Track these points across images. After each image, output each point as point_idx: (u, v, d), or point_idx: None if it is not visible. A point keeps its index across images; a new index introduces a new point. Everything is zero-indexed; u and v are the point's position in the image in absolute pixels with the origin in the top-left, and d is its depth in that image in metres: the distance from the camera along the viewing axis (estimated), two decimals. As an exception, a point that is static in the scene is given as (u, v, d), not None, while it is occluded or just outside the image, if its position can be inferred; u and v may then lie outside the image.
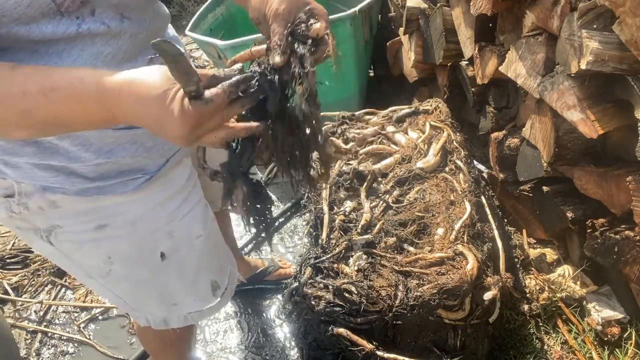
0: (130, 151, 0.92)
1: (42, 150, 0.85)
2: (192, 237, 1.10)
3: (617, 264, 1.41)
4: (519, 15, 1.61)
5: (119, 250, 1.01)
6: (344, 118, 1.98)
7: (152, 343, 1.44)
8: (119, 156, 0.92)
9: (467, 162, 1.73)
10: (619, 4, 1.08)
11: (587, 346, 1.58)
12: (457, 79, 2.18)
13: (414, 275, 1.34)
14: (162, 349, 1.44)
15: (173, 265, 1.08)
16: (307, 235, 1.74)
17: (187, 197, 1.07)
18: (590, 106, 1.31)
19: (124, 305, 1.15)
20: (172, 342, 1.39)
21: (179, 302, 1.14)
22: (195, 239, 1.10)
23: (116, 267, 1.03)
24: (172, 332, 1.23)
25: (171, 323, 1.18)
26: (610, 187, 1.40)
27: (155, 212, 1.02)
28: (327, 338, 1.35)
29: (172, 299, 1.13)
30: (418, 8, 2.26)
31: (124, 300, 1.13)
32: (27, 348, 2.04)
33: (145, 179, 0.98)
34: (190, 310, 1.17)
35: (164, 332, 1.24)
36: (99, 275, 1.05)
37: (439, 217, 1.49)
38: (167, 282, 1.10)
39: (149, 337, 1.41)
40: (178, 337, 1.37)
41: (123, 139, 0.91)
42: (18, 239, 2.53)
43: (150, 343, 1.45)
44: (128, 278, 1.06)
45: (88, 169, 0.90)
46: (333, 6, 3.09)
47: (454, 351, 1.38)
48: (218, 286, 1.18)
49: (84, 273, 1.07)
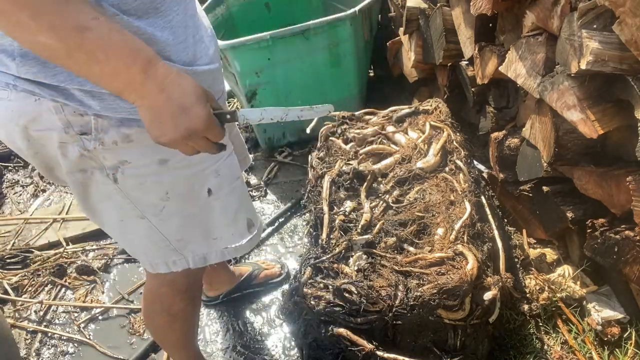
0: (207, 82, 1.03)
1: None
2: (234, 177, 1.22)
3: (617, 264, 1.41)
4: (519, 15, 1.61)
5: (176, 186, 1.11)
6: (344, 118, 1.98)
7: (158, 318, 1.46)
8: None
9: (467, 162, 1.73)
10: (619, 4, 1.08)
11: (587, 346, 1.58)
12: (457, 79, 2.18)
13: (414, 275, 1.34)
14: (169, 324, 1.46)
15: (218, 201, 1.18)
16: (307, 235, 1.74)
17: (228, 142, 1.17)
18: (590, 106, 1.31)
19: (166, 247, 1.20)
20: (178, 316, 1.43)
21: (219, 236, 1.24)
22: (236, 179, 1.23)
23: (171, 203, 1.12)
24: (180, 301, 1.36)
25: (210, 258, 1.26)
26: (610, 187, 1.40)
27: None
28: (327, 338, 1.35)
29: (214, 233, 1.23)
30: (418, 8, 2.26)
31: (168, 240, 1.18)
32: (27, 348, 2.04)
33: None
34: (228, 244, 1.26)
35: (172, 304, 1.37)
36: (153, 213, 1.12)
37: (439, 217, 1.49)
38: (211, 216, 1.20)
39: (157, 311, 1.43)
40: (184, 309, 1.41)
41: (202, 75, 1.02)
42: (18, 239, 2.54)
43: (157, 318, 1.47)
44: (180, 214, 1.15)
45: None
46: (333, 6, 3.09)
47: (454, 351, 1.38)
48: (253, 224, 1.30)
49: (136, 214, 1.12)
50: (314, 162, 1.85)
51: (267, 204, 2.57)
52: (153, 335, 1.73)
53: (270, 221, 2.41)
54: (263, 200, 2.60)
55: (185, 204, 1.15)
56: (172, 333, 1.50)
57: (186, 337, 1.54)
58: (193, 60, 1.02)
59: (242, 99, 2.72)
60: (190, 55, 1.01)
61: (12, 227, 2.64)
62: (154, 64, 0.83)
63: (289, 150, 2.88)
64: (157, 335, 1.59)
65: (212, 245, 1.24)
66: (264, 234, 2.36)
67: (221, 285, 2.01)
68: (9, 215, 2.78)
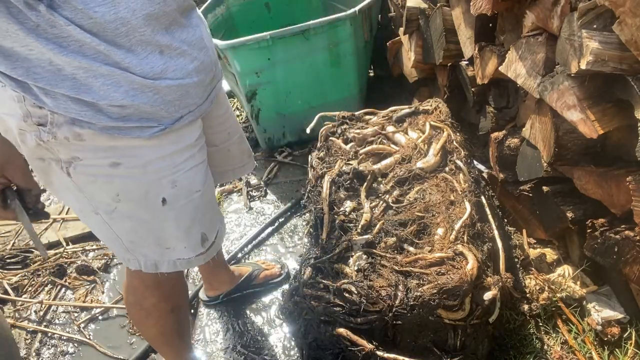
0: (151, 100, 1.05)
1: (78, 86, 0.98)
2: (192, 191, 1.22)
3: (617, 264, 1.41)
4: (519, 15, 1.61)
5: (128, 190, 1.13)
6: (344, 118, 1.98)
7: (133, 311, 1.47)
8: (141, 102, 1.04)
9: (467, 162, 1.73)
10: (619, 4, 1.08)
11: (587, 346, 1.58)
12: (457, 79, 2.18)
13: (414, 275, 1.34)
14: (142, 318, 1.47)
15: (172, 212, 1.19)
16: (307, 235, 1.74)
17: (194, 155, 1.20)
18: (590, 106, 1.31)
19: (120, 245, 1.22)
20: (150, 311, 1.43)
21: (171, 246, 1.25)
22: (194, 192, 1.22)
23: (122, 205, 1.14)
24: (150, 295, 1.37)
25: (161, 267, 1.27)
26: (610, 187, 1.40)
27: (164, 161, 1.14)
28: (327, 338, 1.35)
29: (167, 243, 1.24)
30: (418, 8, 2.26)
31: (121, 239, 1.21)
32: (27, 348, 2.04)
33: (160, 129, 1.10)
34: (180, 257, 1.27)
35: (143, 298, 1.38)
36: (105, 211, 1.15)
37: (439, 217, 1.49)
38: (164, 226, 1.21)
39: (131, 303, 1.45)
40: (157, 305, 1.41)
41: (147, 87, 1.04)
42: (18, 239, 2.54)
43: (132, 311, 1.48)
44: (131, 217, 1.17)
45: (113, 109, 1.03)
46: (333, 6, 3.09)
47: (454, 351, 1.39)
48: (207, 239, 1.30)
49: (91, 208, 1.15)
50: (314, 162, 1.85)
51: (267, 204, 2.57)
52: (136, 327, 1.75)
53: (270, 221, 2.41)
54: (263, 200, 2.61)
55: (137, 209, 1.16)
56: (147, 329, 1.51)
57: (165, 336, 1.52)
58: (159, 74, 1.05)
59: (242, 99, 2.72)
60: (156, 69, 1.04)
61: (12, 227, 2.64)
62: None
63: (289, 150, 2.88)
64: (138, 328, 1.61)
65: (164, 254, 1.25)
66: (264, 234, 2.37)
67: (221, 285, 2.01)
68: (9, 215, 2.78)
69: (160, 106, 1.07)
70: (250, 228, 2.43)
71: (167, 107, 1.09)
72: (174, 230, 1.22)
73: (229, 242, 2.38)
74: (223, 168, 1.55)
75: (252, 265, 2.11)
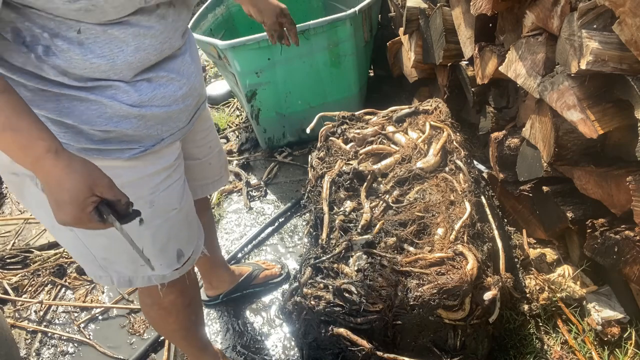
0: (135, 125, 1.06)
1: (62, 109, 0.98)
2: (169, 209, 1.22)
3: (617, 264, 1.41)
4: (519, 15, 1.61)
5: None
6: (344, 118, 1.98)
7: (152, 312, 1.48)
8: (124, 127, 1.04)
9: (467, 162, 1.73)
10: (619, 4, 1.08)
11: (587, 346, 1.58)
12: (457, 79, 2.18)
13: (414, 275, 1.34)
14: (162, 317, 1.47)
15: (148, 231, 1.18)
16: (307, 235, 1.74)
17: (171, 174, 1.21)
18: (590, 106, 1.31)
19: (92, 261, 1.22)
20: (169, 309, 1.43)
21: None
22: (171, 210, 1.23)
23: None
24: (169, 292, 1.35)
25: (135, 282, 1.27)
26: (610, 187, 1.40)
27: (143, 182, 1.14)
28: (327, 338, 1.35)
29: (142, 260, 1.22)
30: (418, 8, 2.26)
31: (94, 255, 1.20)
32: (27, 348, 2.04)
33: (140, 151, 1.10)
34: (155, 272, 1.27)
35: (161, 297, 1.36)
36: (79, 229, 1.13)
37: (439, 217, 1.49)
38: (140, 245, 1.18)
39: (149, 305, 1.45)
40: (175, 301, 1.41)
41: (133, 115, 1.04)
42: (18, 239, 2.54)
43: (151, 312, 1.49)
44: (105, 235, 1.14)
45: (95, 133, 1.03)
46: (333, 6, 3.09)
47: (454, 351, 1.38)
48: (183, 254, 1.30)
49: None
50: (314, 162, 1.85)
51: (267, 204, 2.57)
52: (153, 327, 1.74)
53: (270, 221, 2.41)
54: (263, 200, 2.61)
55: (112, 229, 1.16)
56: (168, 325, 1.51)
57: (185, 329, 1.54)
58: (147, 102, 1.05)
59: (242, 99, 2.72)
60: (144, 97, 1.05)
61: (12, 227, 2.64)
62: (42, 158, 0.87)
63: (289, 150, 2.88)
64: (157, 327, 1.60)
65: (138, 270, 1.24)
66: (264, 234, 2.37)
67: (221, 285, 2.01)
68: (8, 215, 2.78)
69: (143, 131, 1.08)
70: (250, 228, 2.43)
71: (149, 131, 1.09)
72: (150, 248, 1.21)
73: (229, 242, 2.38)
74: (203, 181, 1.55)
75: (252, 265, 2.11)
